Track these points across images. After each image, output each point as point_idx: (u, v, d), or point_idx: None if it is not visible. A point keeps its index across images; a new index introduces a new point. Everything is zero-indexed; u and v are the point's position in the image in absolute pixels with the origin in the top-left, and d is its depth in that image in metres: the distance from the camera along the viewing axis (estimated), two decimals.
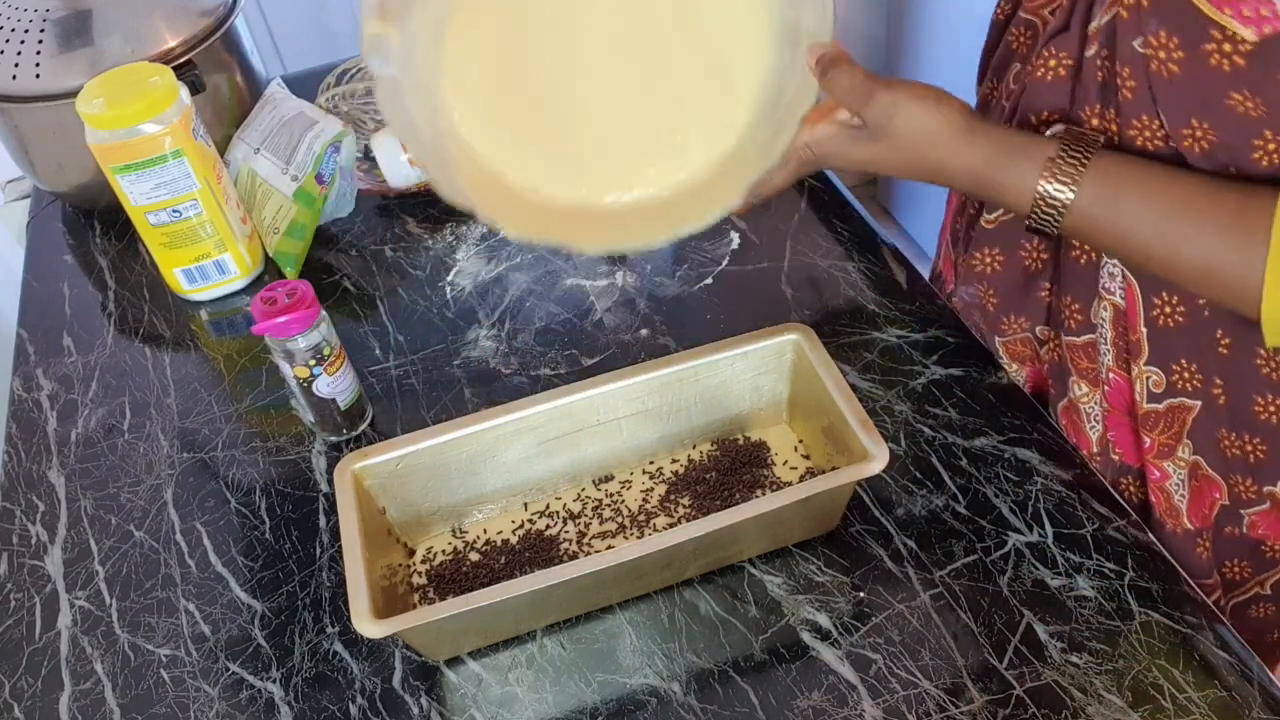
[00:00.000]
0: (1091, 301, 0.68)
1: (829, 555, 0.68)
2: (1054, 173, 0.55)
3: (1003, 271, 0.73)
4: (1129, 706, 0.59)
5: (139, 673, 0.66)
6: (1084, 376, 0.71)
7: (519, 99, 0.63)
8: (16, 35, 0.92)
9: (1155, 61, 0.54)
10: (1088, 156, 0.55)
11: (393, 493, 0.67)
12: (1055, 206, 0.56)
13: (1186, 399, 0.65)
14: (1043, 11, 0.66)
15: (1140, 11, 0.54)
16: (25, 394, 0.88)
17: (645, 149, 0.64)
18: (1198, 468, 0.67)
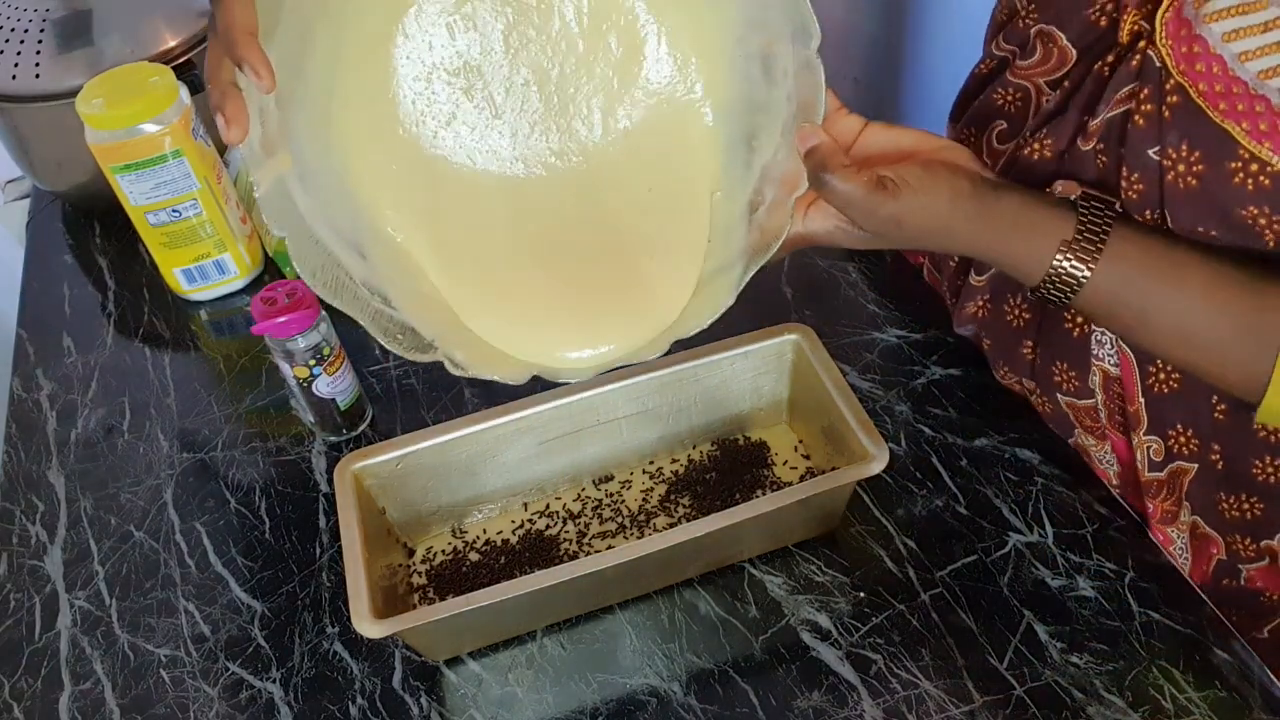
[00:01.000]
0: (1087, 369, 0.66)
1: (829, 555, 0.68)
2: (1071, 250, 0.53)
3: (992, 320, 0.72)
4: (1129, 707, 0.59)
5: (139, 673, 0.66)
6: (1090, 432, 0.70)
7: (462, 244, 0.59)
8: (16, 35, 0.92)
9: (1173, 173, 0.52)
10: (1106, 233, 0.53)
11: (393, 493, 0.67)
12: (1070, 284, 0.53)
13: (1184, 462, 0.64)
14: (1036, 79, 0.63)
15: (1161, 122, 0.52)
16: (25, 394, 0.88)
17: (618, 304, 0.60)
18: (1196, 527, 0.66)
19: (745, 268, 0.56)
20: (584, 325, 0.59)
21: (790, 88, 0.53)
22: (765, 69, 0.54)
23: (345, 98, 0.55)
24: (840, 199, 0.52)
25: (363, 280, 0.54)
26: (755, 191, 0.57)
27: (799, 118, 0.53)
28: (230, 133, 0.47)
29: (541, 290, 0.60)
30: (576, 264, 0.60)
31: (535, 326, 0.59)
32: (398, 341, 0.55)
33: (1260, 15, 0.47)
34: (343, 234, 0.54)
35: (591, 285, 0.60)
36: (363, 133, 0.56)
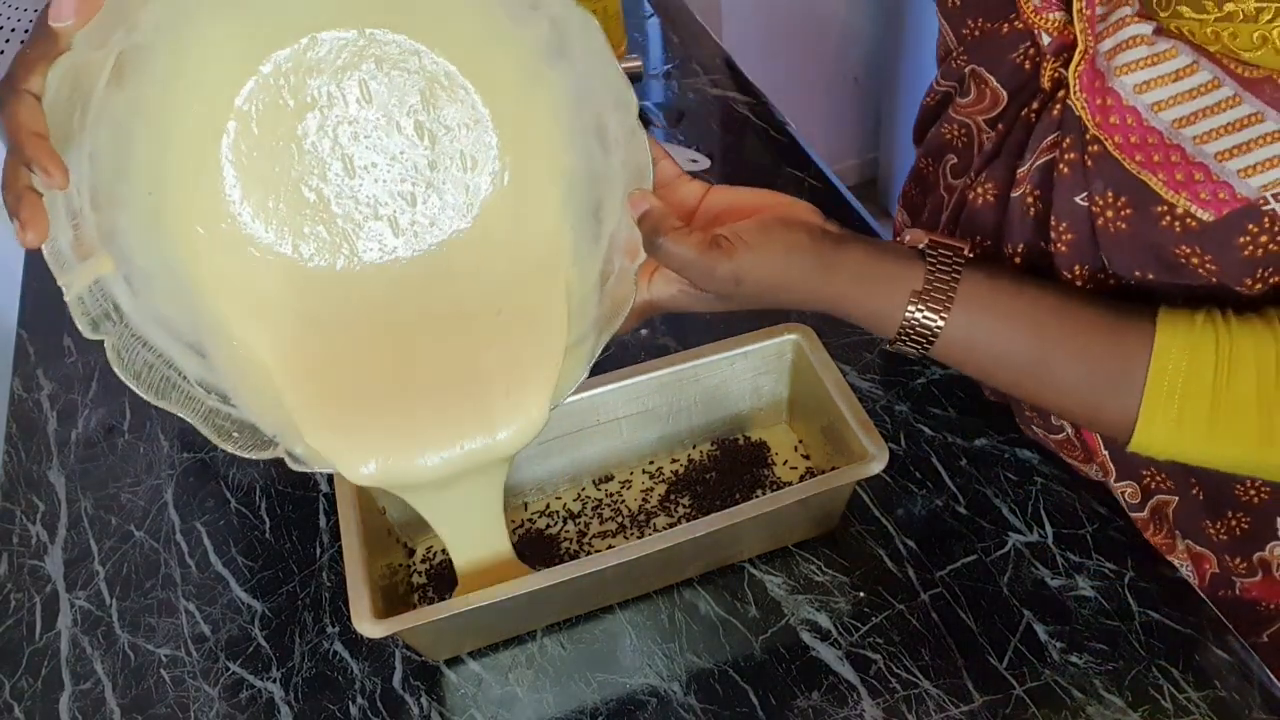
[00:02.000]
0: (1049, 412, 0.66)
1: (829, 555, 0.68)
2: (922, 300, 0.52)
3: None
4: (1129, 706, 0.59)
5: (139, 673, 0.66)
6: (1074, 459, 0.69)
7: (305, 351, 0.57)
8: (17, 35, 0.92)
9: (1103, 219, 0.52)
10: (955, 281, 0.52)
11: (393, 493, 0.67)
12: (925, 334, 0.52)
13: (1164, 496, 0.64)
14: (976, 117, 0.61)
15: (1085, 170, 0.52)
16: (25, 394, 0.88)
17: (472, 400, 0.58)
18: (1190, 548, 0.66)
19: (597, 339, 0.56)
20: (437, 424, 0.57)
21: (623, 156, 0.53)
22: (600, 140, 0.54)
23: (173, 195, 0.53)
24: (676, 261, 0.51)
25: (198, 379, 0.53)
26: (605, 261, 0.56)
27: (631, 184, 0.53)
28: (26, 236, 0.44)
29: (390, 389, 0.58)
30: (428, 359, 0.58)
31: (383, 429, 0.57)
32: (233, 440, 0.54)
33: (1171, 64, 0.47)
34: (177, 333, 0.53)
35: (445, 380, 0.58)
36: (195, 230, 0.54)
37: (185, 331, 0.53)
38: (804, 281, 0.53)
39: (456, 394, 0.58)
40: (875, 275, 0.53)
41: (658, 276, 0.56)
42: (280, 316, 0.57)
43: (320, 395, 0.57)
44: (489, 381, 0.58)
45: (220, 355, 0.54)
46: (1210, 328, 0.49)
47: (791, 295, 0.53)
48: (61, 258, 0.47)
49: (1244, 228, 0.48)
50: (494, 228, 0.58)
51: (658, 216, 0.51)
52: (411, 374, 0.58)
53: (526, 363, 0.58)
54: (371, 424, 0.57)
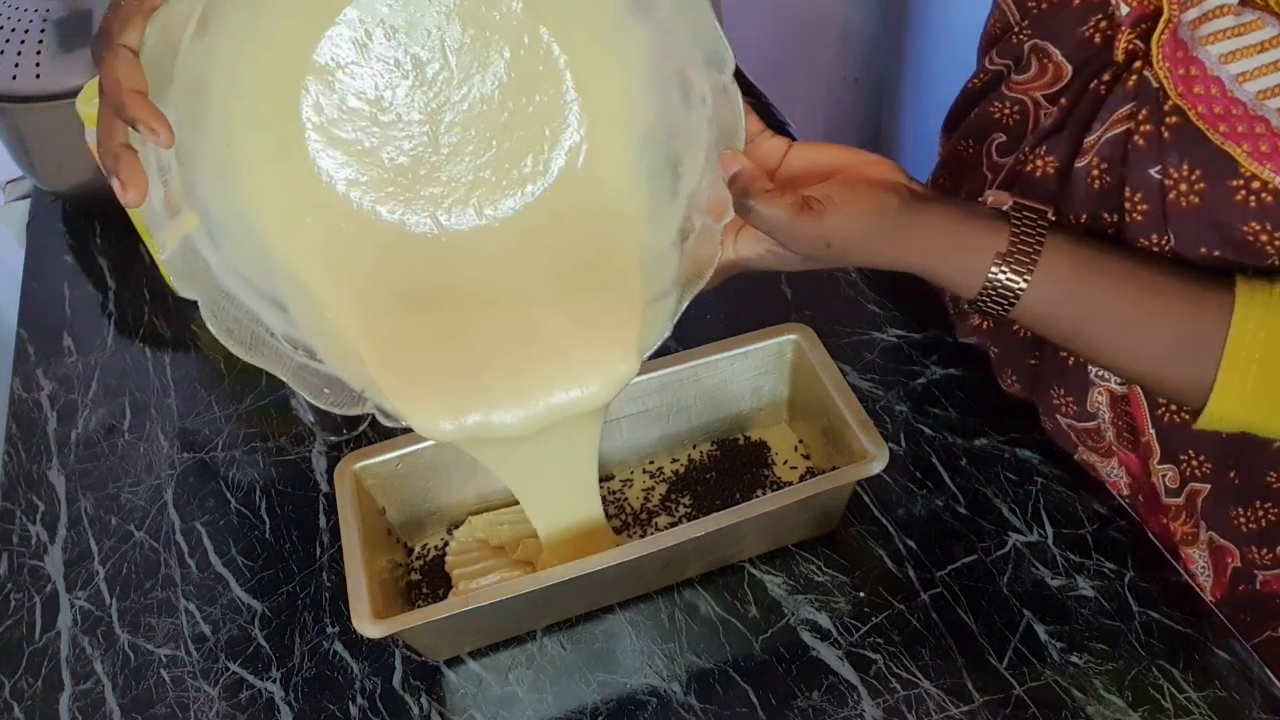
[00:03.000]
0: (1086, 393, 0.65)
1: (829, 555, 0.68)
2: (1006, 262, 0.52)
3: (997, 330, 0.72)
4: (1129, 706, 0.59)
5: (139, 673, 0.66)
6: (1095, 450, 0.69)
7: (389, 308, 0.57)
8: (16, 35, 0.92)
9: (1175, 192, 0.52)
10: (1040, 244, 0.52)
11: (393, 493, 0.67)
12: (1007, 296, 0.53)
13: (1198, 484, 0.64)
14: (1033, 93, 0.62)
15: (1160, 142, 0.52)
16: (25, 394, 0.88)
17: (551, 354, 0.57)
18: (1212, 541, 0.66)
19: (680, 297, 0.56)
20: (516, 379, 0.57)
21: (709, 113, 0.53)
22: (683, 95, 0.53)
23: (247, 149, 0.52)
24: (765, 223, 0.51)
25: (284, 335, 0.53)
26: (684, 219, 0.56)
27: (720, 143, 0.53)
28: (128, 195, 0.45)
29: (468, 347, 0.57)
30: (506, 317, 0.58)
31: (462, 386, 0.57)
32: (324, 397, 0.53)
33: (1257, 35, 0.47)
34: (259, 288, 0.52)
35: (525, 337, 0.57)
36: (269, 183, 0.53)
37: (265, 286, 0.53)
38: (890, 242, 0.53)
39: (536, 350, 0.57)
40: (960, 236, 0.53)
41: (744, 235, 0.55)
42: (353, 274, 0.56)
43: (396, 353, 0.56)
44: (569, 337, 0.57)
45: (299, 310, 0.54)
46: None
47: (877, 255, 0.54)
48: (155, 215, 0.47)
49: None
50: (568, 183, 0.57)
51: (748, 178, 0.51)
52: (490, 332, 0.57)
53: (605, 319, 0.57)
54: (450, 382, 0.57)
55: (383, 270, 0.56)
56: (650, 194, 0.57)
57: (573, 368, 0.57)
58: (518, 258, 0.58)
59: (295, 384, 0.53)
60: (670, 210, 0.56)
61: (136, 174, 0.45)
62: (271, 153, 0.53)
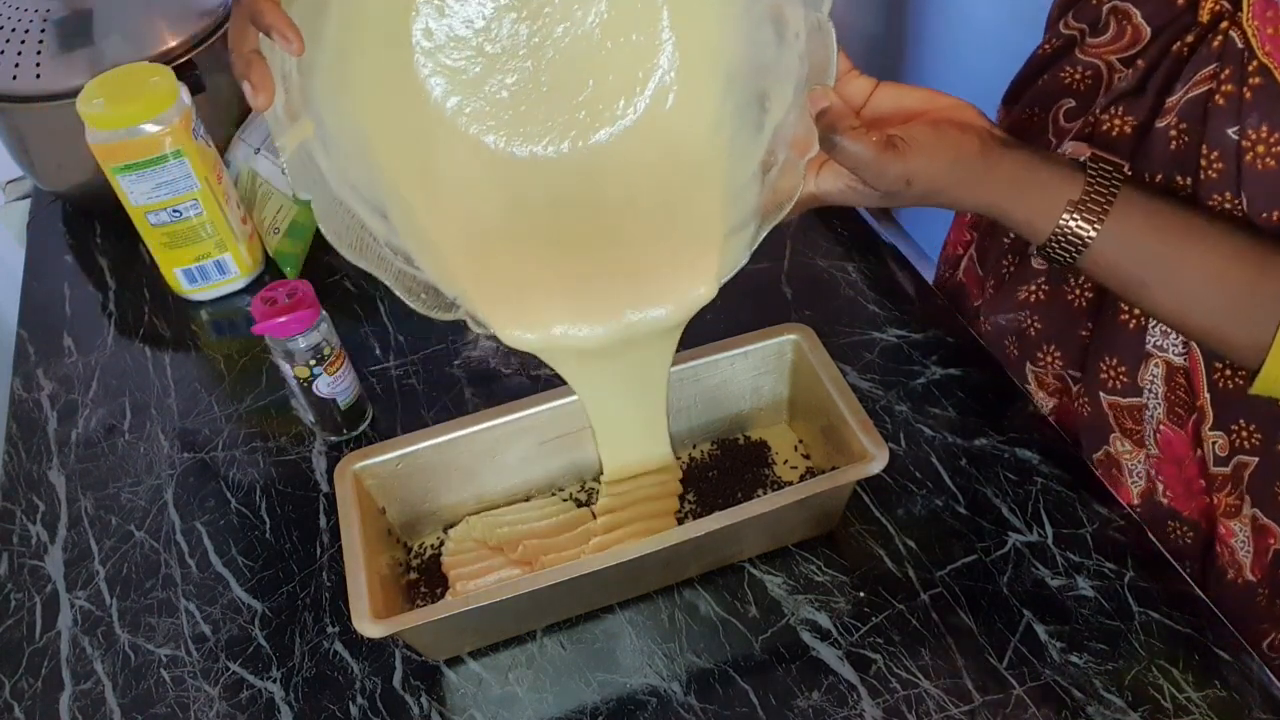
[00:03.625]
0: (1139, 364, 0.66)
1: (829, 555, 0.68)
2: (1078, 210, 0.54)
3: (1047, 301, 0.72)
4: (1129, 706, 0.59)
5: (139, 673, 0.66)
6: (1128, 436, 0.69)
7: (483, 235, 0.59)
8: (17, 35, 0.92)
9: (1251, 154, 0.53)
10: (1114, 195, 0.54)
11: (393, 493, 0.67)
12: (1075, 243, 0.54)
13: (1245, 456, 0.64)
14: (1108, 57, 0.63)
15: (1241, 102, 0.53)
16: (25, 394, 0.88)
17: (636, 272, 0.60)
18: (1255, 519, 0.66)
19: (759, 227, 0.57)
20: (597, 297, 0.60)
21: (802, 49, 0.54)
22: (777, 31, 0.55)
23: (360, 65, 0.55)
24: (851, 160, 0.53)
25: (385, 240, 0.55)
26: (768, 153, 0.57)
27: (810, 80, 0.54)
28: (258, 99, 0.48)
29: (552, 263, 0.60)
30: (590, 238, 0.60)
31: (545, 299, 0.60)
32: (421, 300, 0.56)
33: None
34: (363, 195, 0.55)
35: (608, 255, 0.60)
36: (378, 99, 0.56)
37: (370, 195, 0.55)
38: (968, 185, 0.54)
39: (620, 270, 0.60)
40: (1035, 182, 0.55)
41: (826, 170, 0.56)
42: (451, 191, 0.58)
43: (487, 266, 0.59)
44: (651, 260, 0.60)
45: (400, 220, 0.56)
46: None
47: (954, 197, 0.55)
48: (277, 119, 0.50)
49: None
50: (658, 116, 0.59)
51: (837, 114, 0.52)
52: (577, 251, 0.60)
53: (687, 245, 0.59)
54: (536, 294, 0.59)
55: (479, 189, 0.59)
56: (735, 127, 0.58)
57: (653, 289, 0.59)
58: (607, 185, 0.60)
59: (396, 287, 0.55)
60: (754, 143, 0.57)
61: (267, 79, 0.48)
62: (382, 71, 0.56)
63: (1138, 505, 0.71)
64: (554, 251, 0.60)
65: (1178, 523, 0.70)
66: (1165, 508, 0.70)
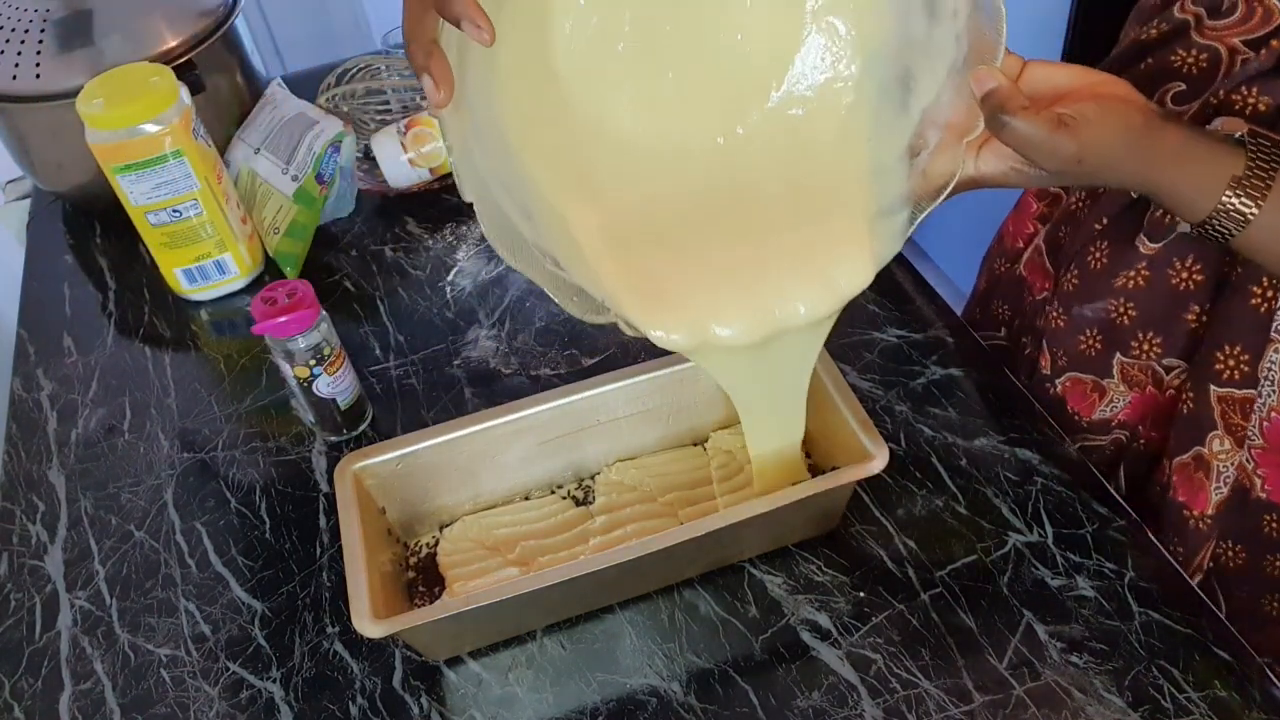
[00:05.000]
0: (1263, 351, 0.64)
1: (829, 555, 0.68)
2: (1240, 186, 0.53)
3: (1147, 288, 0.70)
4: (1129, 706, 0.59)
5: (139, 673, 0.66)
6: (1231, 433, 0.67)
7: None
8: (16, 35, 0.92)
9: None
10: (1274, 171, 0.53)
11: (393, 493, 0.67)
12: (1236, 220, 0.53)
13: None
14: (1231, 39, 0.63)
15: None
16: (25, 394, 0.88)
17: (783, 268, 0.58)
18: None
19: (912, 214, 0.56)
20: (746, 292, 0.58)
21: (960, 28, 0.53)
22: (929, 8, 0.53)
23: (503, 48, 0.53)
24: (1022, 140, 0.52)
25: (533, 242, 0.54)
26: (916, 135, 0.56)
27: (971, 60, 0.53)
28: (439, 94, 0.46)
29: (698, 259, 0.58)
30: (735, 230, 0.58)
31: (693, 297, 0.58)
32: (574, 304, 0.55)
33: None
34: (511, 194, 0.54)
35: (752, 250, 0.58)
36: (520, 91, 0.55)
37: (515, 193, 0.54)
38: (1133, 161, 0.53)
39: (764, 262, 0.58)
40: (1197, 158, 0.53)
41: (986, 152, 0.55)
42: (591, 188, 0.57)
43: (632, 266, 0.57)
44: (800, 251, 0.58)
45: (543, 220, 0.55)
46: None
47: (1118, 173, 0.54)
48: (447, 114, 0.49)
49: None
50: (798, 98, 0.57)
51: (1005, 94, 0.51)
52: (721, 244, 0.58)
53: (831, 232, 0.58)
54: (683, 293, 0.58)
55: (619, 185, 0.58)
56: (877, 108, 0.57)
57: (803, 280, 0.58)
58: (747, 172, 0.58)
59: (550, 289, 0.55)
60: (898, 125, 0.56)
61: (448, 73, 0.47)
62: (525, 63, 0.54)
63: (1211, 514, 0.70)
64: (699, 247, 0.58)
65: (1273, 515, 0.68)
66: (1263, 502, 0.68)
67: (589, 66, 0.55)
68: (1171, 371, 0.71)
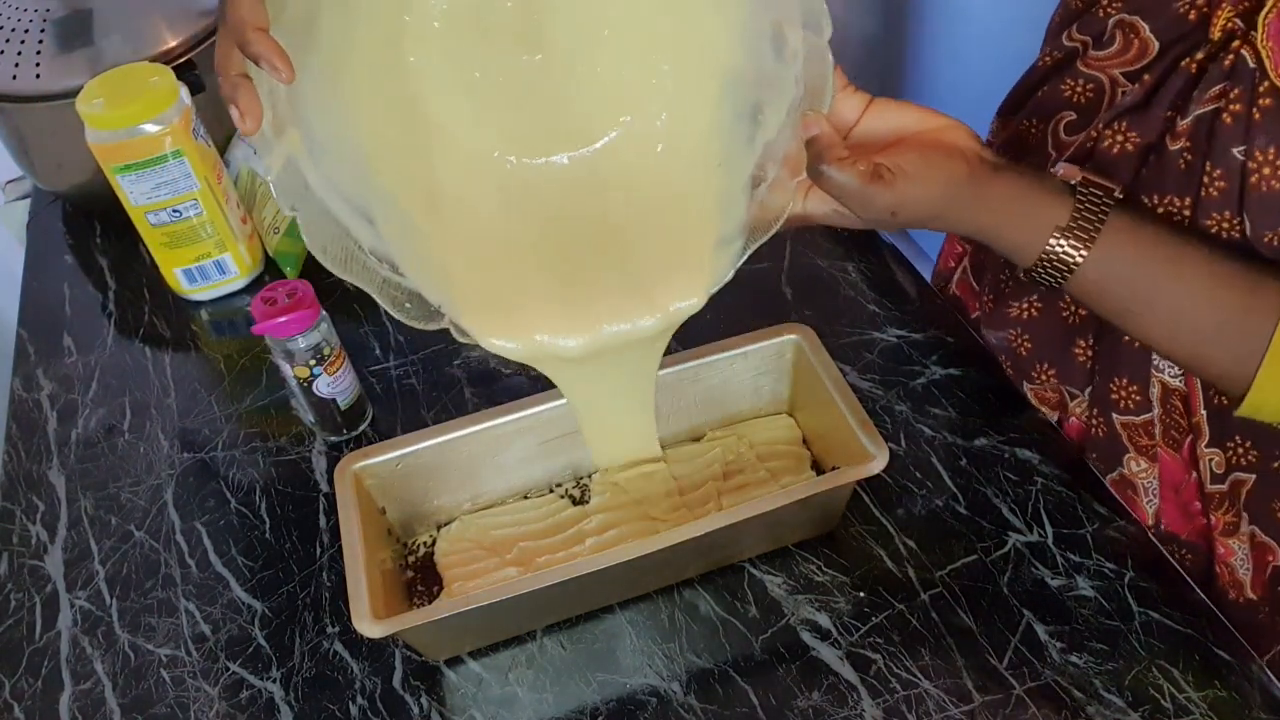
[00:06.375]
0: (1148, 381, 0.66)
1: (829, 555, 0.68)
2: (1066, 234, 0.53)
3: (1039, 318, 0.71)
4: (1129, 706, 0.59)
5: (139, 673, 0.66)
6: (1142, 454, 0.69)
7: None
8: (16, 35, 0.92)
9: (1256, 175, 0.53)
10: (1103, 218, 0.53)
11: (393, 493, 0.67)
12: (1063, 267, 0.54)
13: (1242, 473, 0.64)
14: (1111, 70, 0.62)
15: (1249, 122, 0.53)
16: (25, 394, 0.88)
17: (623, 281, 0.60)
18: (1254, 536, 0.66)
19: (745, 243, 0.57)
20: (584, 306, 0.59)
21: (799, 71, 0.53)
22: (775, 47, 0.54)
23: (355, 68, 0.54)
24: (837, 190, 0.52)
25: (371, 248, 0.55)
26: (758, 167, 0.57)
27: (805, 103, 0.53)
28: (245, 124, 0.47)
29: (544, 267, 0.59)
30: (583, 241, 0.60)
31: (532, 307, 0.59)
32: (405, 310, 0.56)
33: None
34: (351, 200, 0.55)
35: (599, 262, 0.60)
36: (372, 102, 0.55)
37: (357, 198, 0.55)
38: (956, 212, 0.54)
39: (605, 278, 0.59)
40: (1024, 206, 0.54)
41: (814, 193, 0.56)
42: (441, 195, 0.58)
43: (473, 271, 0.58)
44: (640, 268, 0.59)
45: (386, 223, 0.56)
46: None
47: (942, 223, 0.55)
48: (264, 139, 0.50)
49: None
50: (654, 121, 0.58)
51: (826, 142, 0.52)
52: (564, 257, 0.59)
53: (673, 254, 0.59)
54: (521, 301, 0.59)
55: (469, 193, 0.58)
56: (729, 137, 0.57)
57: (640, 298, 0.59)
58: (598, 190, 0.59)
59: (381, 298, 0.55)
60: (745, 156, 0.57)
61: (255, 104, 0.47)
62: (377, 76, 0.55)
63: (1151, 526, 0.71)
64: (544, 259, 0.59)
65: (1176, 545, 0.70)
66: (1164, 532, 0.71)
67: (443, 77, 0.56)
68: (1074, 399, 0.73)
